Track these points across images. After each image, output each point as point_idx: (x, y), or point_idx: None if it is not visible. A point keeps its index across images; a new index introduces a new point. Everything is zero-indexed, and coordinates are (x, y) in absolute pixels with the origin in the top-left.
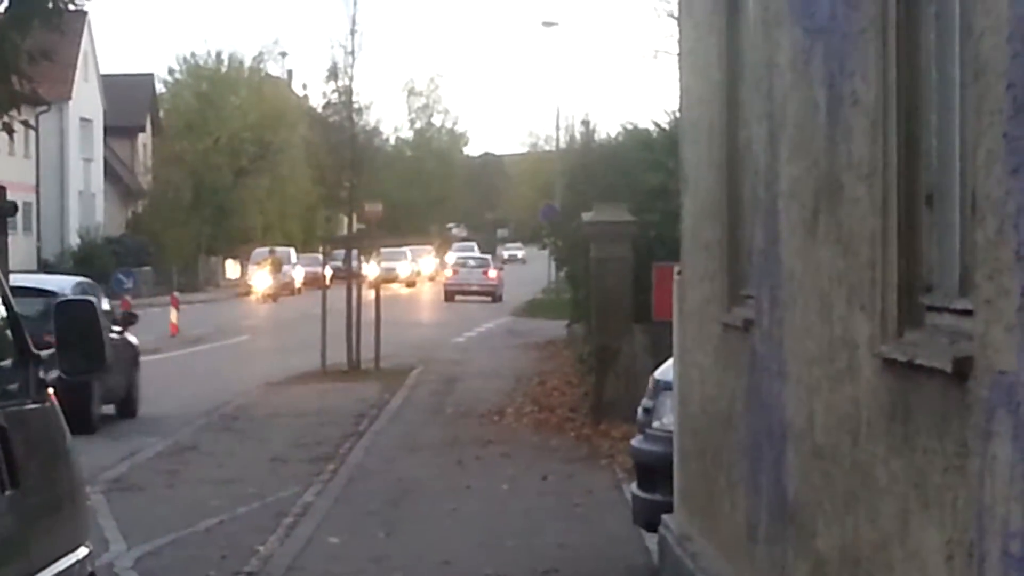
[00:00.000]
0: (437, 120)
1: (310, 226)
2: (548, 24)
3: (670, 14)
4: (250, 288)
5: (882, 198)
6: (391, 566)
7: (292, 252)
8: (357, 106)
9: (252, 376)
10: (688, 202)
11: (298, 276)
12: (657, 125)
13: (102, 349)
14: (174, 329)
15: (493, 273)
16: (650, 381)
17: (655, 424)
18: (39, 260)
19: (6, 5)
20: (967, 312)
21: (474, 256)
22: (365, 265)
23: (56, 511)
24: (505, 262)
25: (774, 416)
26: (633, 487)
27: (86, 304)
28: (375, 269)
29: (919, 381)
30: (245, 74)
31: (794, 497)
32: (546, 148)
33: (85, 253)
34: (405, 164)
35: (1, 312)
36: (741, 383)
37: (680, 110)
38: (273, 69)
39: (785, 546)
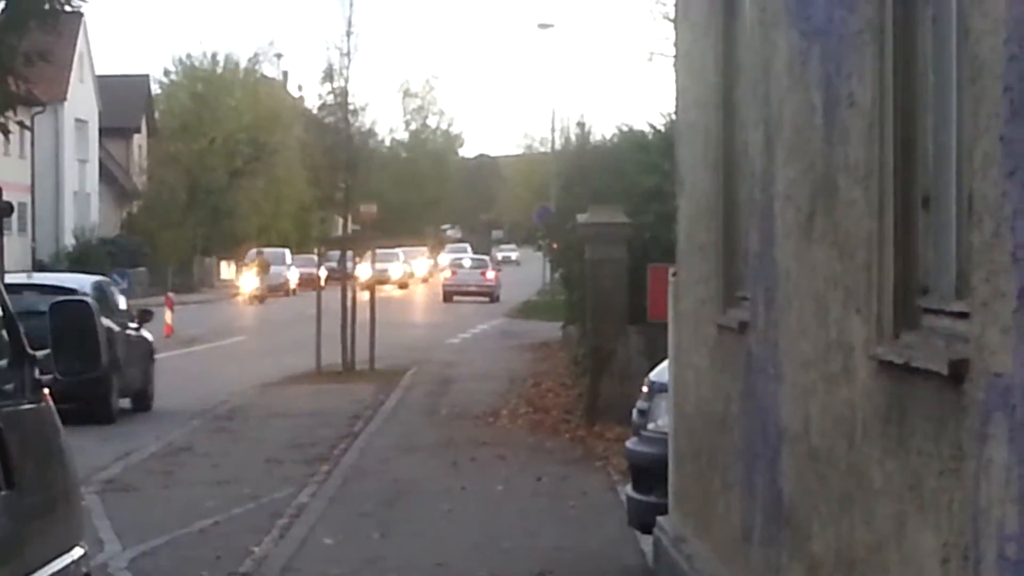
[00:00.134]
0: (432, 121)
1: (305, 227)
2: (544, 26)
3: (666, 16)
4: (238, 289)
5: (878, 200)
6: (385, 567)
7: (287, 253)
8: (352, 107)
9: (247, 377)
10: (684, 204)
11: (293, 277)
12: (652, 127)
13: (98, 351)
14: (168, 330)
15: (491, 274)
16: (645, 383)
17: (650, 426)
18: (34, 260)
19: (2, 6)
20: (963, 314)
21: (472, 257)
22: (358, 266)
23: (51, 512)
24: (499, 264)
25: (769, 418)
26: (628, 489)
27: (82, 305)
28: (367, 270)
29: (915, 383)
30: (240, 75)
31: (789, 499)
32: (541, 150)
33: (80, 253)
34: (400, 165)
35: None
36: (736, 385)
37: (676, 112)
38: (268, 70)
39: (780, 548)
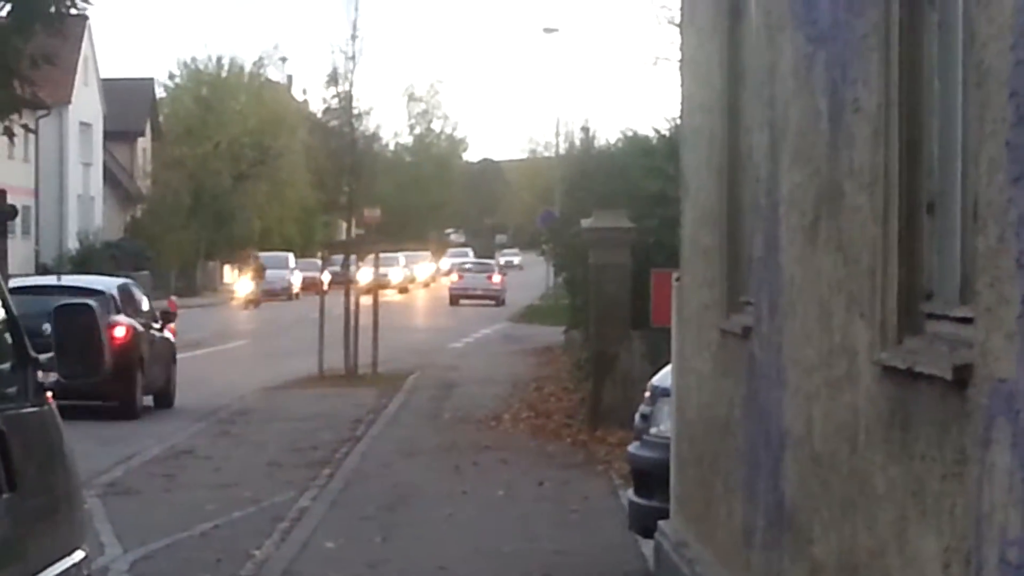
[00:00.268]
0: (437, 126)
1: (309, 231)
2: (549, 30)
3: (671, 21)
4: (233, 293)
5: (883, 205)
6: (387, 571)
7: (290, 257)
8: (357, 111)
9: (249, 380)
10: (688, 208)
11: (296, 281)
12: (657, 132)
13: (101, 354)
14: (172, 333)
15: (497, 278)
16: (648, 387)
17: (652, 430)
18: (37, 264)
19: (8, 9)
20: (967, 320)
21: (479, 261)
22: (359, 271)
23: (53, 514)
24: (501, 268)
25: (772, 423)
26: (630, 493)
27: (85, 309)
28: (368, 275)
29: (918, 388)
30: (245, 79)
31: (791, 503)
32: (545, 154)
33: (83, 257)
34: (404, 169)
35: (1, 316)
36: (739, 390)
37: (681, 117)
38: (273, 74)
39: (782, 552)
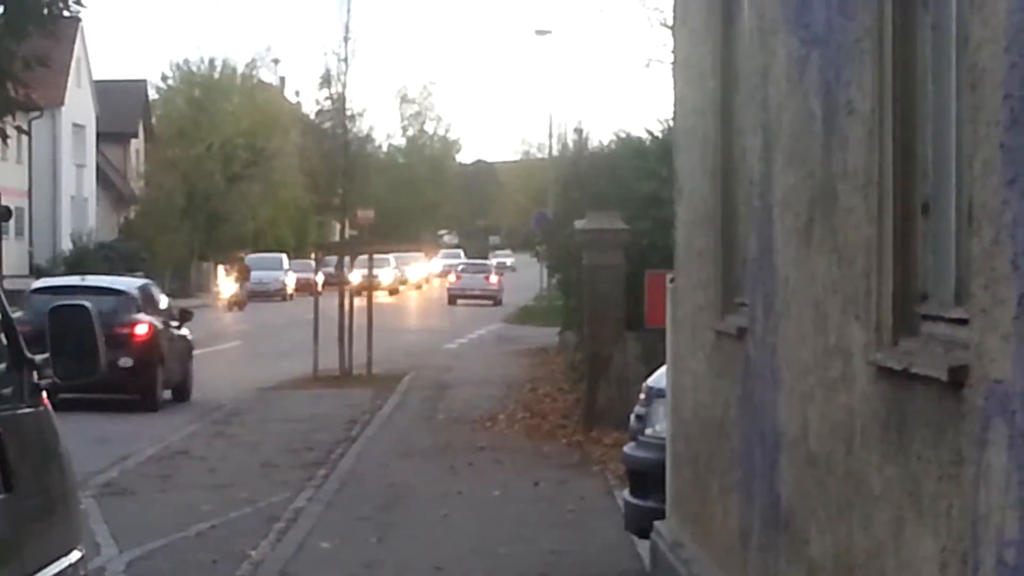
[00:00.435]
0: (429, 127)
1: (302, 232)
2: (541, 32)
3: (663, 23)
4: (219, 295)
5: (878, 207)
6: (382, 572)
7: (284, 258)
8: (350, 113)
9: (244, 381)
10: (682, 210)
11: (290, 282)
12: (650, 133)
13: (96, 355)
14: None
15: (494, 278)
16: (643, 388)
17: (648, 431)
18: (31, 265)
19: (1, 11)
20: (962, 321)
21: (476, 262)
22: (350, 273)
23: (49, 515)
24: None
25: (767, 423)
26: (625, 494)
27: (80, 309)
28: (357, 276)
29: (914, 389)
30: (238, 80)
31: (787, 504)
32: (539, 156)
33: (77, 258)
34: (397, 171)
35: None
36: (734, 390)
37: (674, 118)
38: (266, 76)
39: (778, 553)
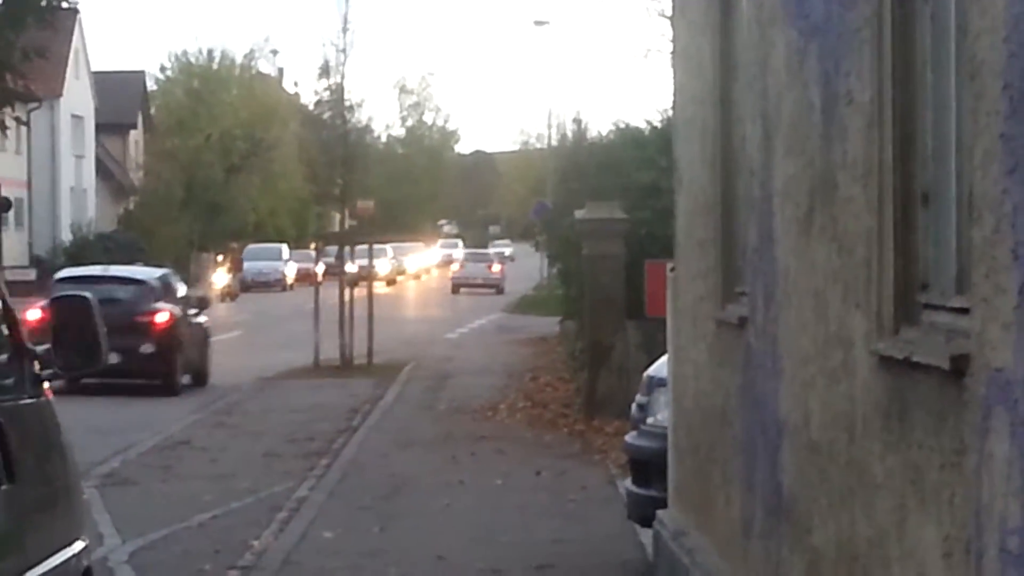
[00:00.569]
0: (428, 118)
1: (302, 223)
2: (540, 23)
3: (662, 13)
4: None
5: (878, 197)
6: (385, 561)
7: (284, 248)
8: (349, 104)
9: (245, 371)
10: (682, 200)
11: (290, 272)
12: (649, 123)
13: (99, 346)
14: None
15: (497, 267)
16: (644, 377)
17: (649, 420)
18: (31, 256)
19: (0, 3)
20: (964, 310)
21: (479, 252)
22: (346, 263)
23: (52, 506)
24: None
25: (769, 412)
26: (627, 483)
27: (82, 300)
28: (354, 267)
29: (916, 378)
30: (236, 71)
31: (789, 493)
32: (538, 146)
33: (76, 249)
34: (396, 161)
35: None
36: (736, 379)
37: (674, 108)
38: (264, 67)
39: (780, 542)
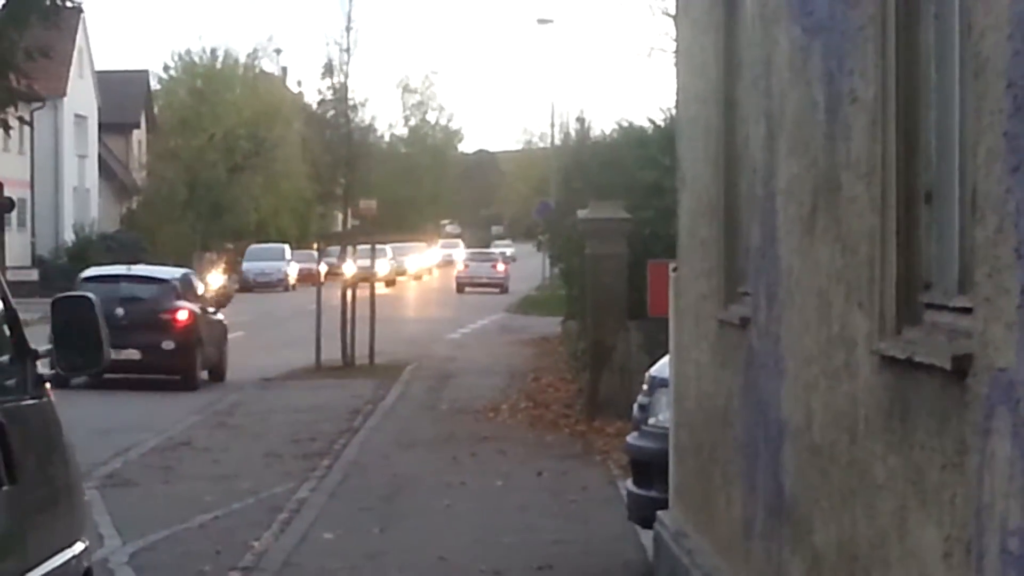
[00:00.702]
0: (432, 117)
1: (305, 222)
2: (543, 21)
3: (665, 12)
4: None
5: (881, 196)
6: (386, 562)
7: (286, 248)
8: (352, 103)
9: (246, 372)
10: (685, 199)
11: (292, 272)
12: (652, 122)
13: (100, 346)
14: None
15: (501, 267)
16: (646, 378)
17: (651, 421)
18: (33, 256)
19: (4, 2)
20: (966, 310)
21: (484, 251)
22: (344, 264)
23: (53, 506)
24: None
25: (771, 413)
26: (628, 483)
27: (84, 300)
28: (352, 267)
29: (918, 378)
30: (240, 71)
31: (790, 494)
32: (541, 145)
33: (79, 249)
34: (399, 161)
35: None
36: (738, 380)
37: (677, 107)
38: (268, 66)
39: (781, 543)
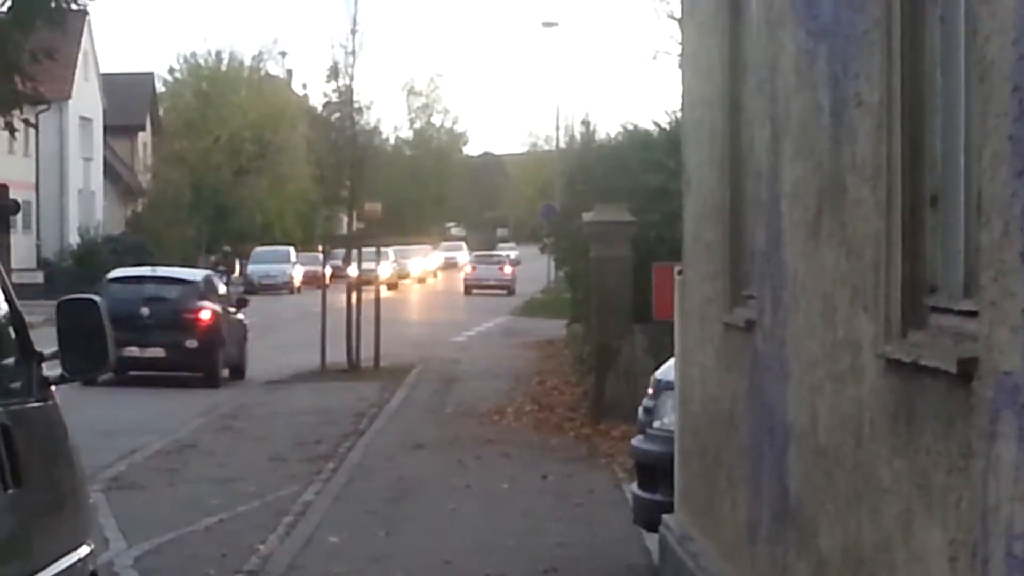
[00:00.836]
0: (437, 120)
1: (310, 225)
2: (548, 24)
3: (670, 15)
4: None
5: (886, 199)
6: (391, 565)
7: (291, 251)
8: (357, 105)
9: (251, 375)
10: (690, 203)
11: (297, 275)
12: (657, 125)
13: (106, 348)
14: None
15: (508, 269)
16: (651, 381)
17: (656, 424)
18: (38, 258)
19: (9, 4)
20: (971, 313)
21: (491, 254)
22: (347, 267)
23: (58, 510)
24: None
25: (776, 416)
26: (633, 487)
27: (90, 303)
28: (354, 271)
29: (923, 382)
30: (245, 73)
31: (796, 497)
32: (546, 148)
33: (84, 251)
34: (404, 163)
35: (4, 310)
36: (743, 383)
37: (682, 111)
38: (273, 68)
39: (786, 546)
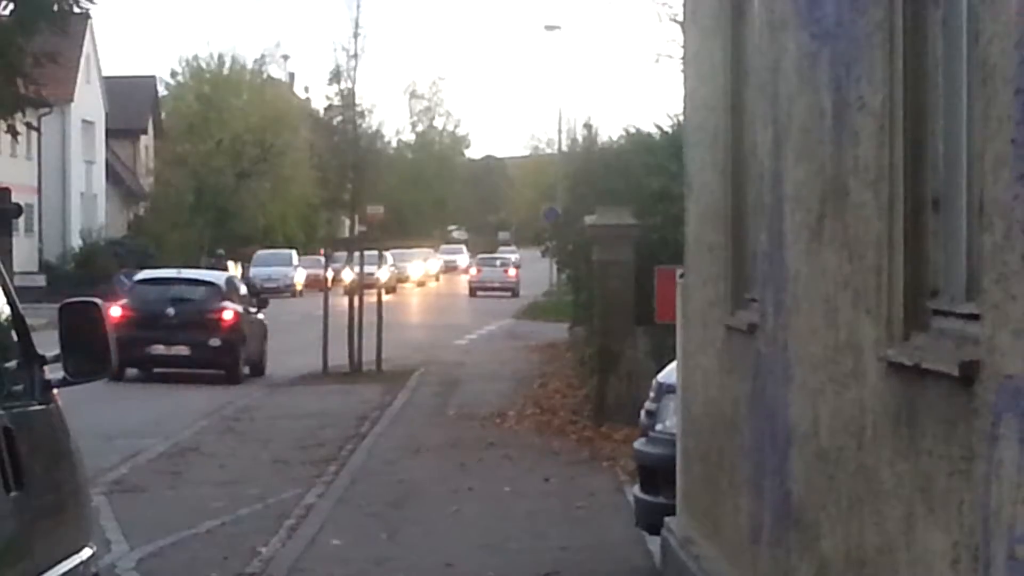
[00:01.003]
0: (439, 123)
1: (312, 228)
2: (550, 28)
3: (672, 18)
4: None
5: (888, 202)
6: (393, 568)
7: (293, 254)
8: (359, 109)
9: (253, 377)
10: (692, 206)
11: (299, 278)
12: (659, 128)
13: (107, 351)
14: None
15: (512, 272)
16: (653, 384)
17: (658, 427)
18: (40, 261)
19: (11, 8)
20: (973, 316)
21: (496, 256)
22: (342, 271)
23: (60, 512)
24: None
25: (778, 419)
26: (635, 489)
27: (91, 306)
28: (350, 275)
29: (925, 385)
30: (247, 76)
31: (798, 500)
32: (548, 151)
33: (86, 255)
34: (406, 166)
35: (6, 313)
36: (745, 386)
37: (685, 114)
38: (275, 72)
39: (788, 549)
